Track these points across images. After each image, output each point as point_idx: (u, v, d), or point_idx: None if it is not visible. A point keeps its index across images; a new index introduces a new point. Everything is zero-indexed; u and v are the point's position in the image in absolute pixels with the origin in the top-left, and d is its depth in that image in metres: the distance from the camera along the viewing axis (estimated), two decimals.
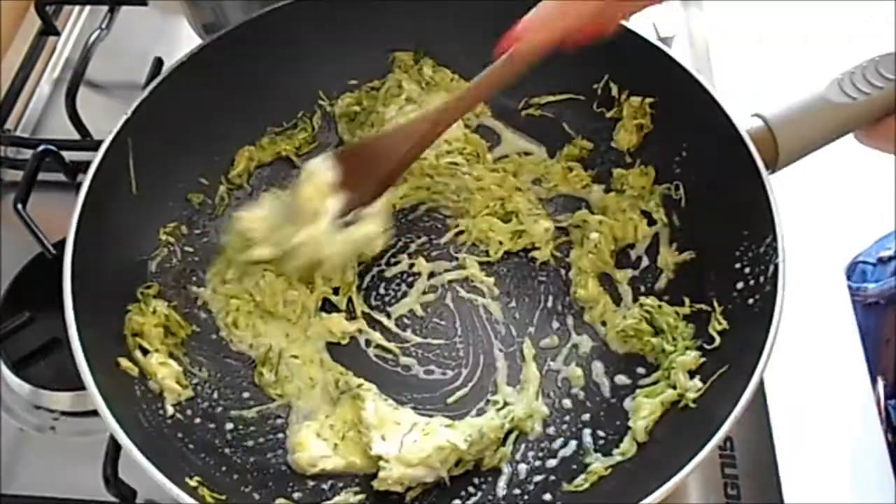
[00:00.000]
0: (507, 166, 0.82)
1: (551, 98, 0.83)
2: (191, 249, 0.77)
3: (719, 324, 0.66)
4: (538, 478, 0.66)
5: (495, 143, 0.84)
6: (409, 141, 0.68)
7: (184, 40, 0.96)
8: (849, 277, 1.01)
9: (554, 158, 0.82)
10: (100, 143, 0.69)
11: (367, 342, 0.73)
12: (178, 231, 0.76)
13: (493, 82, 0.65)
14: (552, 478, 0.65)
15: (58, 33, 1.02)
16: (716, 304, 0.67)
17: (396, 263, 0.77)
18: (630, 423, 0.65)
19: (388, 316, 0.75)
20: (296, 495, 0.65)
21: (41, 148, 0.82)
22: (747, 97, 0.75)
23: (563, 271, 0.76)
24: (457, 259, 0.77)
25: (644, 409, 0.65)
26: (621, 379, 0.70)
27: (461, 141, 0.81)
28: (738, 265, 0.66)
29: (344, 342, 0.73)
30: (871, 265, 0.99)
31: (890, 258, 0.98)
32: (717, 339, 0.66)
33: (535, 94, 0.83)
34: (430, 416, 0.67)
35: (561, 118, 0.83)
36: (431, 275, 0.77)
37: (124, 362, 0.65)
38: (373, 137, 0.76)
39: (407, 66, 0.84)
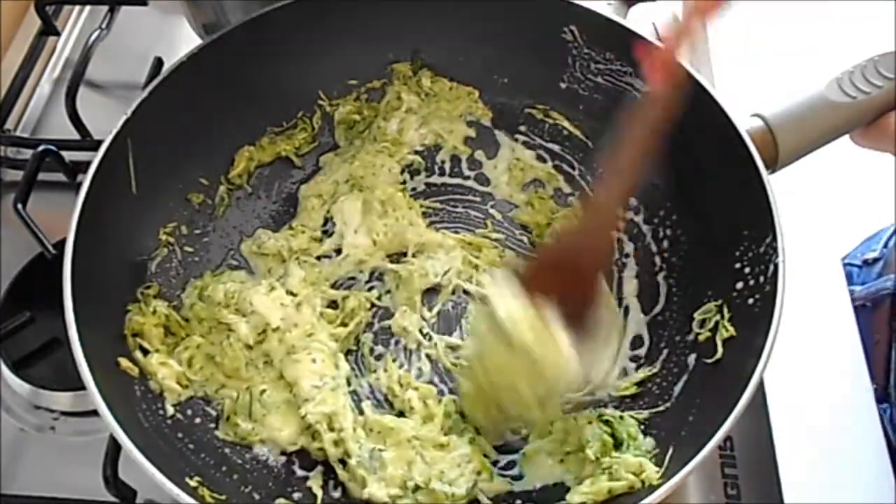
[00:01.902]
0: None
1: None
2: (191, 249, 0.77)
3: (726, 331, 0.65)
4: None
5: (493, 153, 0.84)
6: (596, 229, 0.64)
7: (184, 40, 0.96)
8: None
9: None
10: (100, 143, 0.69)
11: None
12: (178, 231, 0.76)
13: (650, 130, 0.59)
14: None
15: (58, 33, 1.02)
16: (725, 311, 0.66)
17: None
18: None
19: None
20: (296, 495, 0.65)
21: (41, 148, 0.82)
22: (747, 97, 0.75)
23: None
24: None
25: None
26: None
27: None
28: (738, 265, 0.66)
29: None
30: (857, 267, 0.98)
31: (875, 260, 0.97)
32: (721, 349, 0.65)
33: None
34: None
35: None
36: None
37: (124, 362, 0.65)
38: (555, 248, 0.67)
39: (405, 78, 0.85)
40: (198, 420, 0.68)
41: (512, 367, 0.61)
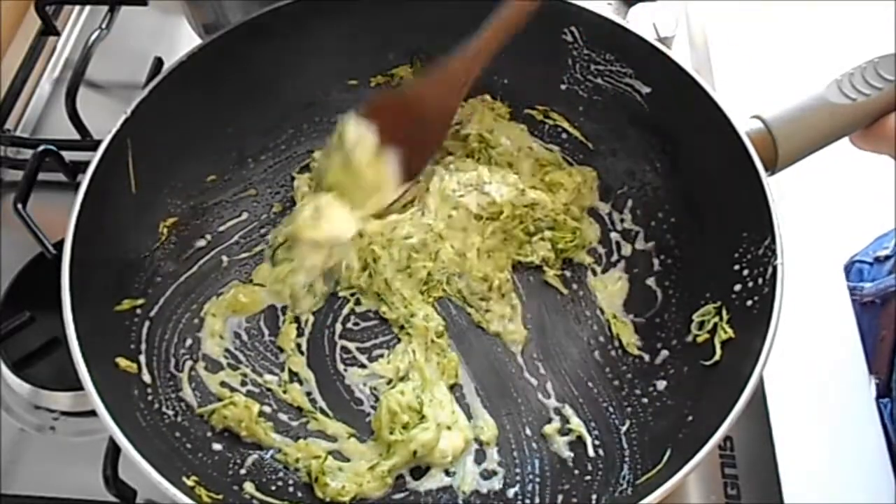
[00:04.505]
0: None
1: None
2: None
3: (725, 332, 0.66)
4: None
5: None
6: (448, 87, 0.71)
7: (184, 40, 0.97)
8: (846, 277, 1.00)
9: None
10: (100, 142, 0.69)
11: None
12: (178, 229, 0.76)
13: (511, 20, 0.67)
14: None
15: (58, 33, 1.02)
16: (724, 312, 0.67)
17: None
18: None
19: None
20: (298, 494, 0.65)
21: (41, 148, 0.82)
22: (747, 97, 0.75)
23: None
24: None
25: None
26: None
27: None
28: (736, 267, 0.66)
29: None
30: (868, 264, 0.99)
31: (887, 257, 0.98)
32: (719, 351, 0.65)
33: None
34: None
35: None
36: None
37: (123, 362, 0.65)
38: (403, 91, 0.78)
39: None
40: (196, 419, 0.68)
41: (344, 180, 0.73)
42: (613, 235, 0.78)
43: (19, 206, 0.77)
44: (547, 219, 0.77)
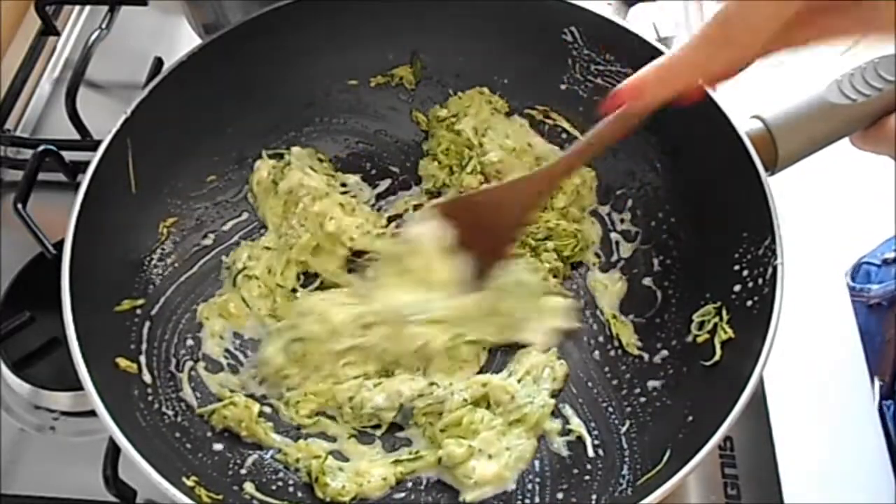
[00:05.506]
0: None
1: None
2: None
3: (725, 333, 0.65)
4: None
5: None
6: (525, 197, 0.68)
7: (184, 40, 0.97)
8: (853, 278, 1.00)
9: None
10: (100, 143, 0.69)
11: None
12: (178, 229, 0.76)
13: (604, 140, 0.62)
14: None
15: (58, 33, 1.02)
16: (724, 313, 0.66)
17: None
18: None
19: None
20: (298, 494, 0.65)
21: (41, 148, 0.83)
22: (747, 97, 0.75)
23: None
24: None
25: None
26: None
27: None
28: (736, 267, 0.66)
29: None
30: (876, 266, 0.99)
31: (894, 259, 0.98)
32: (719, 351, 0.65)
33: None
34: None
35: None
36: None
37: (123, 362, 0.65)
38: (480, 193, 0.75)
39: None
40: (195, 419, 0.68)
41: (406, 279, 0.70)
42: (613, 236, 0.78)
43: (19, 206, 0.77)
44: (540, 231, 0.76)
